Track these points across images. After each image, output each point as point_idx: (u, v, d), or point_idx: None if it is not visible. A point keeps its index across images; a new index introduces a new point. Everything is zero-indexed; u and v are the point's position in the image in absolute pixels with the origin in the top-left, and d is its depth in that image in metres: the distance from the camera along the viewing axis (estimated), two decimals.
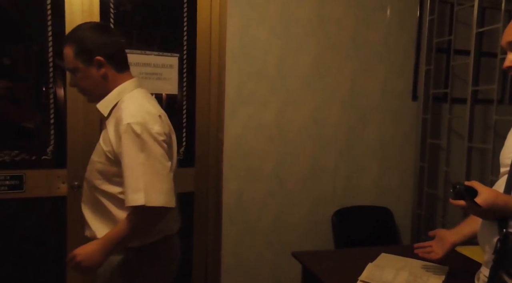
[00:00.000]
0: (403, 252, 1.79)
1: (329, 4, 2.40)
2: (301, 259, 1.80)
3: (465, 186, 1.15)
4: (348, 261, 1.76)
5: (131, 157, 1.31)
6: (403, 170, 2.64)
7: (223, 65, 2.23)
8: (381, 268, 1.62)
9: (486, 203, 1.11)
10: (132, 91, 1.44)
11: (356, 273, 1.57)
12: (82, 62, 1.38)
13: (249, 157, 2.31)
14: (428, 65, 2.57)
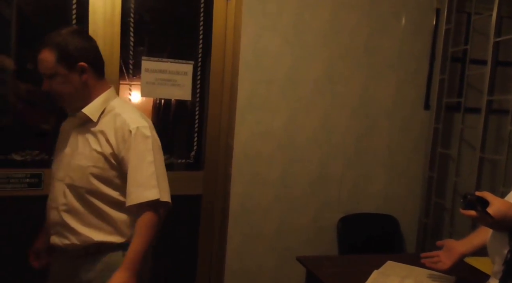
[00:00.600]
0: (409, 261, 1.83)
1: (342, 13, 2.45)
2: (306, 263, 1.86)
3: (476, 196, 1.16)
4: (353, 267, 1.81)
5: (142, 157, 1.42)
6: (411, 178, 2.69)
7: (236, 72, 2.32)
8: (386, 276, 1.66)
9: (498, 214, 1.13)
10: (116, 99, 1.52)
11: (361, 279, 1.61)
12: (64, 67, 1.39)
13: (257, 162, 2.40)
14: (442, 74, 2.60)
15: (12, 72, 2.11)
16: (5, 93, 2.13)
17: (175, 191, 2.35)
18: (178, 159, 2.42)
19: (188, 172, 2.43)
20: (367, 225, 2.60)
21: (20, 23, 2.12)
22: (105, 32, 2.12)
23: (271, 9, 2.31)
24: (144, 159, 1.42)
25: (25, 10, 2.15)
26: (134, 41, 2.22)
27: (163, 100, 2.51)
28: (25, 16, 2.16)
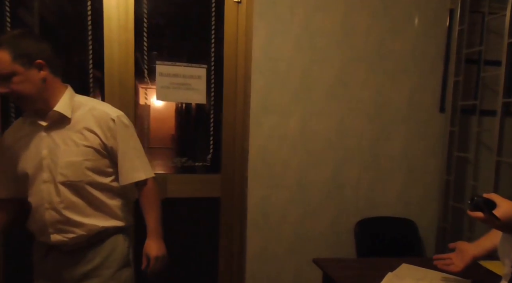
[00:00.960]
0: (424, 264, 1.82)
1: (354, 15, 2.47)
2: (322, 265, 1.87)
3: (483, 198, 1.18)
4: (369, 270, 1.81)
5: (129, 143, 1.59)
6: (428, 182, 2.67)
7: (248, 76, 2.35)
8: (400, 278, 1.66)
9: (504, 216, 1.14)
10: (77, 95, 1.59)
11: (376, 281, 1.62)
12: (22, 65, 1.40)
13: (272, 166, 2.41)
14: (457, 76, 2.58)
15: None
16: None
17: (194, 193, 2.41)
18: (195, 161, 2.44)
19: (205, 174, 2.45)
20: (386, 229, 2.58)
21: (41, 30, 2.19)
22: (119, 38, 2.17)
23: (282, 12, 2.35)
24: (129, 145, 1.59)
25: (47, 18, 2.22)
26: (148, 46, 2.26)
27: (182, 104, 2.55)
28: (47, 23, 2.23)
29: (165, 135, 2.55)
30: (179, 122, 2.59)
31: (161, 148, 2.55)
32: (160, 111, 2.54)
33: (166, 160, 2.51)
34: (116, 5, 2.15)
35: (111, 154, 1.57)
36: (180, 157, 2.45)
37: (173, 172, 2.44)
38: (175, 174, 2.42)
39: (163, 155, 2.51)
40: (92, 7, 2.14)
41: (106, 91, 2.19)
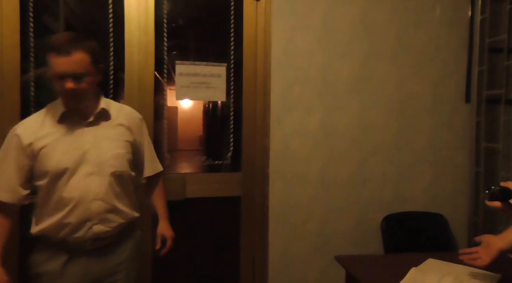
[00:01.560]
0: (452, 259, 1.79)
1: (373, 8, 2.48)
2: (344, 263, 1.86)
3: (500, 187, 1.18)
4: (394, 267, 1.77)
5: (148, 139, 1.83)
6: (457, 175, 2.63)
7: (268, 72, 2.38)
8: (424, 273, 1.64)
9: None
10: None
11: (400, 277, 1.60)
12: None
13: (294, 162, 2.42)
14: (481, 66, 2.56)
15: None
16: (47, 102, 2.25)
17: (214, 192, 2.42)
18: (215, 160, 2.46)
19: (225, 173, 2.47)
20: (414, 224, 2.54)
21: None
22: (140, 40, 2.24)
23: (300, 8, 2.38)
24: (150, 141, 1.84)
25: (70, 22, 2.30)
26: (167, 47, 2.31)
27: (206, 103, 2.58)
28: (69, 28, 2.32)
29: (191, 136, 2.57)
30: (204, 123, 2.62)
31: (188, 150, 2.58)
32: (185, 112, 2.57)
33: (189, 161, 2.54)
34: (136, 8, 2.22)
35: (136, 149, 1.74)
36: (200, 156, 2.47)
37: (193, 171, 2.46)
38: (194, 173, 2.45)
39: (187, 156, 2.53)
40: (113, 11, 2.21)
41: (126, 93, 2.25)
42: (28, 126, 1.57)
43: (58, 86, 1.52)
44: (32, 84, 2.15)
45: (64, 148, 1.55)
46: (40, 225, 1.57)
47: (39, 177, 1.55)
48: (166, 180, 2.30)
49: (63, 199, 1.54)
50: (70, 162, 1.54)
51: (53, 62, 1.49)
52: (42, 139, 1.55)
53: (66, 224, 1.55)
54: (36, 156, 1.54)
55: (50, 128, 1.57)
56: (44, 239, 1.58)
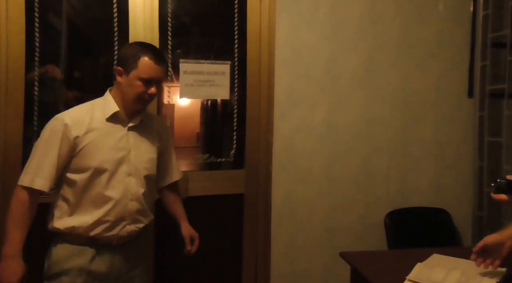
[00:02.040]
0: (457, 254, 1.81)
1: (378, 4, 2.52)
2: (349, 259, 1.88)
3: (507, 180, 1.21)
4: (399, 262, 1.80)
5: (172, 145, 1.91)
6: (461, 169, 2.67)
7: (272, 69, 2.41)
8: (430, 268, 1.65)
9: None
10: None
11: (406, 273, 1.62)
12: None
13: (298, 158, 2.46)
14: (484, 61, 2.59)
15: (61, 80, 2.27)
16: (55, 101, 2.29)
17: (217, 190, 2.44)
18: (217, 158, 2.49)
19: (229, 170, 2.50)
20: (418, 219, 2.58)
21: (69, 34, 2.31)
22: (145, 38, 2.26)
23: (305, 5, 2.41)
24: (173, 147, 1.92)
25: (74, 21, 2.33)
26: (172, 45, 2.34)
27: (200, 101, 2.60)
28: (74, 26, 2.34)
29: (188, 133, 2.59)
30: (202, 120, 2.64)
31: (185, 147, 2.59)
32: (183, 110, 2.59)
33: (189, 158, 2.55)
34: (141, 6, 2.25)
35: (161, 154, 1.82)
36: (202, 154, 2.50)
37: (195, 169, 2.48)
38: (197, 171, 2.47)
39: (184, 153, 2.54)
40: (118, 9, 2.23)
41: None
42: (77, 118, 1.58)
43: (140, 89, 1.60)
44: (36, 84, 2.17)
45: (109, 146, 1.60)
46: (71, 221, 1.57)
47: (79, 170, 1.57)
48: None
49: (104, 197, 1.58)
50: (113, 160, 1.59)
51: (145, 66, 1.59)
52: (89, 134, 1.58)
53: (104, 222, 1.58)
54: (80, 150, 1.56)
55: (97, 124, 1.60)
56: (70, 235, 1.58)
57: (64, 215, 1.58)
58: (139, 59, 1.59)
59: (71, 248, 1.59)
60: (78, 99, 2.32)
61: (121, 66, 1.62)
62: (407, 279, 1.58)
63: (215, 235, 2.49)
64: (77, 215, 1.57)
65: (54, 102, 2.28)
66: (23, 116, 2.12)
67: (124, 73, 1.62)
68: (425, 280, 1.56)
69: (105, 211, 1.58)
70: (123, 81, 1.62)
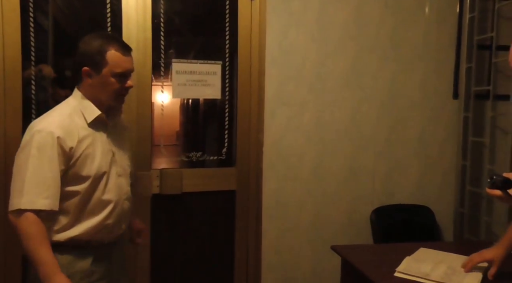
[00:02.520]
0: (442, 248, 1.92)
1: (366, 6, 2.59)
2: (340, 252, 1.99)
3: (502, 177, 1.30)
4: (387, 255, 1.92)
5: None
6: (444, 168, 2.78)
7: (262, 69, 2.49)
8: (419, 261, 1.75)
9: None
10: None
11: (395, 265, 1.72)
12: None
13: (288, 157, 2.55)
14: (469, 63, 2.68)
15: (51, 79, 2.32)
16: (46, 100, 2.33)
17: (210, 187, 2.53)
18: (210, 155, 2.57)
19: (220, 168, 2.58)
20: (401, 216, 2.69)
21: (56, 33, 2.34)
22: (138, 37, 2.32)
23: (295, 6, 2.48)
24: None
25: (61, 20, 2.37)
26: (164, 45, 2.40)
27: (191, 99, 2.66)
28: (60, 25, 2.39)
29: (171, 132, 2.62)
30: (193, 118, 2.70)
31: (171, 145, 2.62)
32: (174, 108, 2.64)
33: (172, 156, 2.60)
34: (134, 7, 2.30)
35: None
36: (196, 152, 2.57)
37: (188, 166, 2.54)
38: (190, 169, 2.54)
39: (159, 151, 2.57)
40: (111, 9, 2.29)
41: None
42: (66, 129, 1.50)
43: (115, 85, 1.53)
44: (33, 83, 2.23)
45: (99, 151, 1.56)
46: (74, 231, 1.54)
47: (78, 181, 1.52)
48: (162, 174, 2.42)
49: (103, 201, 1.57)
50: (106, 164, 1.58)
51: (118, 60, 1.51)
52: (81, 143, 1.52)
53: (106, 226, 1.59)
54: (76, 160, 1.50)
55: (83, 131, 1.54)
56: (69, 245, 1.54)
57: (63, 227, 1.53)
58: (105, 53, 1.50)
59: (71, 255, 1.56)
60: None
61: (88, 65, 1.52)
62: (397, 271, 1.66)
63: (209, 229, 2.59)
64: (79, 224, 1.54)
65: (45, 100, 2.31)
66: (22, 114, 2.19)
67: (93, 73, 1.52)
68: (414, 272, 1.64)
69: (105, 214, 1.57)
70: (94, 82, 1.53)
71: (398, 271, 1.67)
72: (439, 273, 1.65)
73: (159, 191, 2.41)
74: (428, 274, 1.64)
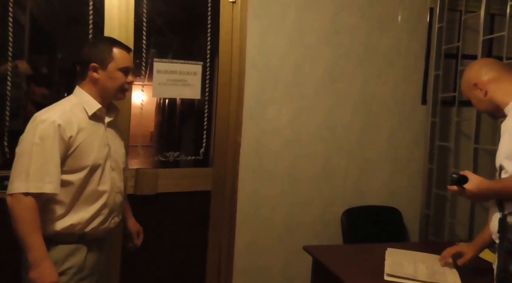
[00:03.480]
0: (407, 248, 2.06)
1: (342, 14, 2.72)
2: (312, 252, 2.10)
3: (458, 175, 1.49)
4: (355, 255, 2.06)
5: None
6: (412, 171, 2.95)
7: (242, 72, 2.57)
8: (399, 263, 1.86)
9: (472, 187, 1.48)
10: None
11: (364, 265, 1.85)
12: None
13: (264, 158, 2.64)
14: (437, 70, 2.85)
15: (27, 76, 2.31)
16: (20, 96, 2.32)
17: (185, 187, 2.58)
18: (187, 156, 2.63)
19: (197, 168, 2.64)
20: (371, 217, 2.84)
21: (32, 29, 2.34)
22: (120, 36, 2.33)
23: (275, 11, 2.58)
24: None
25: (49, 19, 2.37)
26: (146, 44, 2.43)
27: (170, 100, 2.71)
28: (37, 22, 2.38)
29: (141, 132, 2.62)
30: (171, 118, 2.74)
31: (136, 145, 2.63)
32: (151, 108, 2.67)
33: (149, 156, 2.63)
34: (117, 5, 2.33)
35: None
36: (173, 151, 2.61)
37: (163, 166, 2.58)
38: (167, 169, 2.57)
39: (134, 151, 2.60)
40: (94, 8, 2.31)
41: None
42: (66, 119, 1.61)
43: (121, 79, 1.71)
44: (9, 79, 2.21)
45: (97, 143, 1.68)
46: (68, 220, 1.62)
47: (75, 170, 1.62)
48: (138, 174, 2.44)
49: (98, 192, 1.68)
50: (102, 157, 1.70)
51: (121, 57, 1.70)
52: (81, 133, 1.63)
53: (100, 215, 1.69)
54: (74, 150, 1.61)
55: (83, 123, 1.66)
56: (65, 235, 1.62)
57: (58, 217, 1.61)
58: (112, 51, 1.69)
59: (67, 248, 1.64)
60: (46, 96, 2.37)
61: (95, 62, 1.68)
62: (386, 274, 1.75)
63: (182, 229, 2.63)
64: (73, 213, 1.63)
65: (20, 97, 2.31)
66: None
67: (100, 68, 1.68)
68: (401, 273, 1.74)
69: (100, 204, 1.69)
70: (101, 76, 1.69)
71: (387, 274, 1.74)
72: (423, 273, 1.75)
73: (133, 191, 2.42)
74: (414, 275, 1.73)
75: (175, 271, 2.63)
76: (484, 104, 1.72)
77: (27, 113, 2.28)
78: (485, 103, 1.72)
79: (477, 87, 1.71)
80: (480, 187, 1.48)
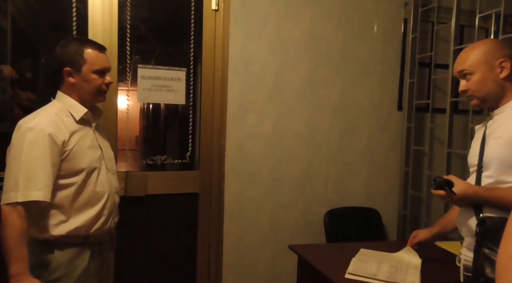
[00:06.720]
0: (379, 247, 2.06)
1: (320, 23, 2.69)
2: (298, 251, 2.07)
3: (444, 179, 1.45)
4: (337, 253, 2.03)
5: None
6: (389, 174, 2.92)
7: (225, 78, 2.51)
8: (364, 262, 1.84)
9: (460, 192, 1.43)
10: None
11: (345, 262, 1.82)
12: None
13: (248, 161, 2.57)
14: (412, 79, 2.86)
15: (11, 80, 2.22)
16: (5, 100, 2.24)
17: (173, 189, 2.54)
18: (174, 159, 2.57)
19: (185, 171, 2.59)
20: (352, 218, 2.78)
21: (15, 34, 2.25)
22: (103, 42, 2.25)
23: (256, 20, 2.53)
24: None
25: (32, 24, 2.30)
26: (130, 50, 2.39)
27: (156, 105, 2.66)
28: (19, 26, 2.30)
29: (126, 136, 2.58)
30: (158, 122, 2.70)
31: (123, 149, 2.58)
32: (137, 113, 2.63)
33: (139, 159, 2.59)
34: (101, 11, 2.26)
35: None
36: (161, 155, 2.57)
37: (151, 170, 2.53)
38: (155, 171, 2.53)
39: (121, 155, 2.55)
40: (77, 13, 2.24)
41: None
42: (55, 125, 1.53)
43: (97, 81, 1.59)
44: None
45: (89, 146, 1.61)
46: (73, 223, 1.56)
47: (71, 174, 1.55)
48: (128, 177, 2.40)
49: (97, 193, 1.61)
50: (96, 159, 1.62)
51: (93, 58, 1.57)
52: (73, 137, 1.56)
53: (102, 216, 1.63)
54: (68, 153, 1.54)
55: (72, 127, 1.57)
56: (70, 238, 1.56)
57: (61, 221, 1.55)
58: (83, 53, 1.56)
59: (71, 252, 1.58)
60: (31, 100, 2.31)
61: (68, 66, 1.56)
62: (347, 272, 1.72)
63: (172, 230, 2.57)
64: (76, 216, 1.57)
65: (4, 101, 2.22)
66: None
67: (74, 72, 1.57)
68: (362, 272, 1.71)
69: (101, 205, 1.63)
70: (77, 81, 1.58)
71: (348, 273, 1.73)
72: (384, 272, 1.72)
73: (124, 193, 2.37)
74: (375, 274, 1.71)
75: (167, 268, 2.57)
76: (489, 86, 1.49)
77: (13, 116, 2.22)
78: (491, 84, 1.49)
79: (500, 65, 1.47)
80: (467, 192, 1.43)
